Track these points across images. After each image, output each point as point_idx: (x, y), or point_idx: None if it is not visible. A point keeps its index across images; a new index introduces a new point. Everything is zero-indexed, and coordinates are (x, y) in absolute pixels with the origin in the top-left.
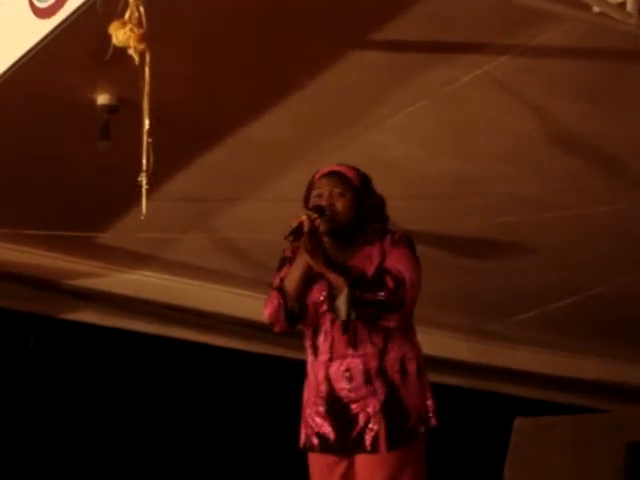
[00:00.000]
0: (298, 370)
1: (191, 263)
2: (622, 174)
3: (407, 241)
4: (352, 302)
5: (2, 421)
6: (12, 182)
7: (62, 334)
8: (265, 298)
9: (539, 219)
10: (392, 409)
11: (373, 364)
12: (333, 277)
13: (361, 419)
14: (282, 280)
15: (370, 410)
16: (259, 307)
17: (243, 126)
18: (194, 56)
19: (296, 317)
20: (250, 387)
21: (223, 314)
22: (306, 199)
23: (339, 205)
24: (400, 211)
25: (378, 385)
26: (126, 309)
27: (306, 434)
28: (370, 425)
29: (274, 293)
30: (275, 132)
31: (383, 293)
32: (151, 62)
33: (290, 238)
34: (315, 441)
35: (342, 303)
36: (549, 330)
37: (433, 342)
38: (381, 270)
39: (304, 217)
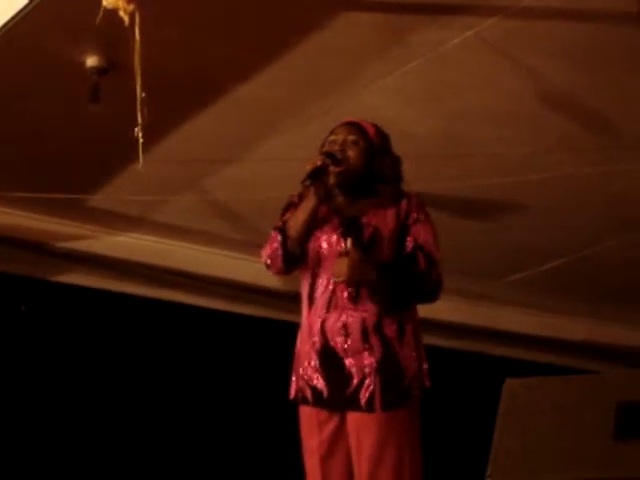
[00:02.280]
0: (290, 332)
1: (182, 225)
2: (614, 135)
3: (425, 208)
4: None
5: None
6: (1, 145)
7: (53, 296)
8: (257, 260)
9: (530, 180)
10: (388, 368)
11: (371, 320)
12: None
13: (356, 376)
14: (285, 222)
15: (366, 367)
16: (250, 269)
17: (234, 87)
18: (183, 17)
19: (294, 260)
20: (241, 349)
21: (214, 276)
22: (322, 146)
23: (351, 152)
24: None
25: (375, 342)
26: (117, 271)
27: (299, 386)
28: (366, 383)
29: (274, 233)
30: (266, 93)
31: (421, 284)
32: (140, 24)
33: (307, 182)
34: (308, 394)
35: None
36: (539, 291)
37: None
38: (415, 245)
39: (319, 162)
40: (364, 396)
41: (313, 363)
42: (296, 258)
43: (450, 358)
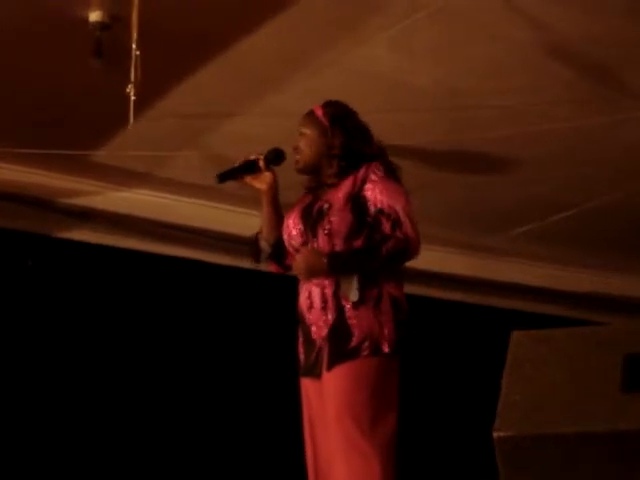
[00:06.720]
0: (292, 287)
1: (185, 181)
2: (618, 85)
3: (386, 171)
4: (360, 284)
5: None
6: (4, 101)
7: (57, 253)
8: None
9: (535, 131)
10: (337, 331)
11: (330, 289)
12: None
13: (317, 345)
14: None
15: (323, 335)
16: (254, 224)
17: (236, 41)
18: None
19: (279, 255)
20: (245, 304)
21: (218, 231)
22: None
23: (300, 144)
24: (393, 125)
25: (330, 310)
26: (120, 227)
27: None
28: (322, 351)
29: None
30: (269, 46)
31: (384, 249)
32: None
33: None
34: (298, 364)
35: (349, 289)
36: (545, 243)
37: (429, 257)
38: (376, 212)
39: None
40: (321, 363)
41: (299, 333)
42: (278, 252)
43: (457, 311)
